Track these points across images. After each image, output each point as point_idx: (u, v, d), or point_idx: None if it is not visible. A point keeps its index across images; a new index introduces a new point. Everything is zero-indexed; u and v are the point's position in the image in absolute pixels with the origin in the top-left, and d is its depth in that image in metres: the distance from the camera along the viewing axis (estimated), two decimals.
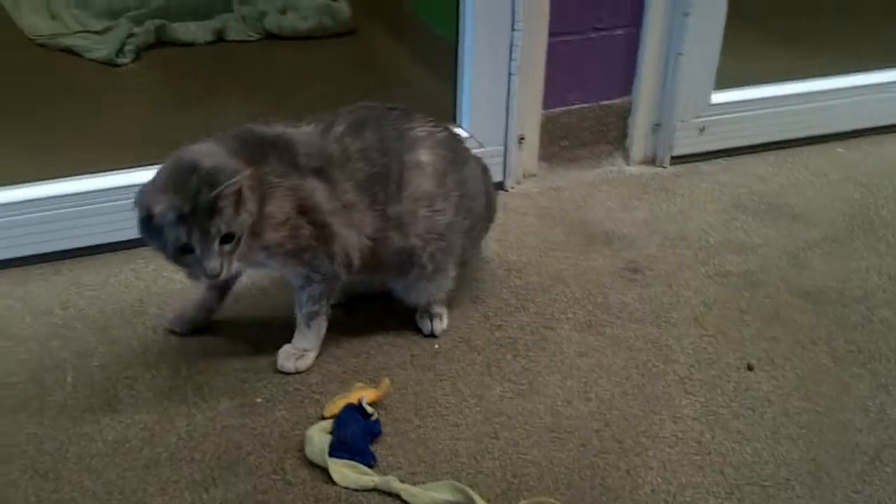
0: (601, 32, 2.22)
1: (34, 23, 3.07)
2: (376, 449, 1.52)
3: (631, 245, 2.07)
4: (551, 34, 2.16)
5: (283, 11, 3.16)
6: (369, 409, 1.55)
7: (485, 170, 1.85)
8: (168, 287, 1.90)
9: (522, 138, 2.23)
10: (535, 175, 2.31)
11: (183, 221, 1.44)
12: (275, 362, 1.70)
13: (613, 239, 2.09)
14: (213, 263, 1.47)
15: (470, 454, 1.53)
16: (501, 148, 2.22)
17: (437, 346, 1.76)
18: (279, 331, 1.76)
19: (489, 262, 2.00)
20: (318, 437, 1.52)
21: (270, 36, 3.13)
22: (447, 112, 2.25)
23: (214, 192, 1.43)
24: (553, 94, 2.23)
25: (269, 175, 1.56)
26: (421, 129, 1.70)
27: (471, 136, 2.19)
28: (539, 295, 1.90)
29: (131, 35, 2.99)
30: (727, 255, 2.04)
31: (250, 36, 3.12)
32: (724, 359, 1.74)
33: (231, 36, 3.11)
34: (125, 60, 2.91)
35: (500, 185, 2.25)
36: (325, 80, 2.84)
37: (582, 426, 1.59)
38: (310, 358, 1.71)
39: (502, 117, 2.20)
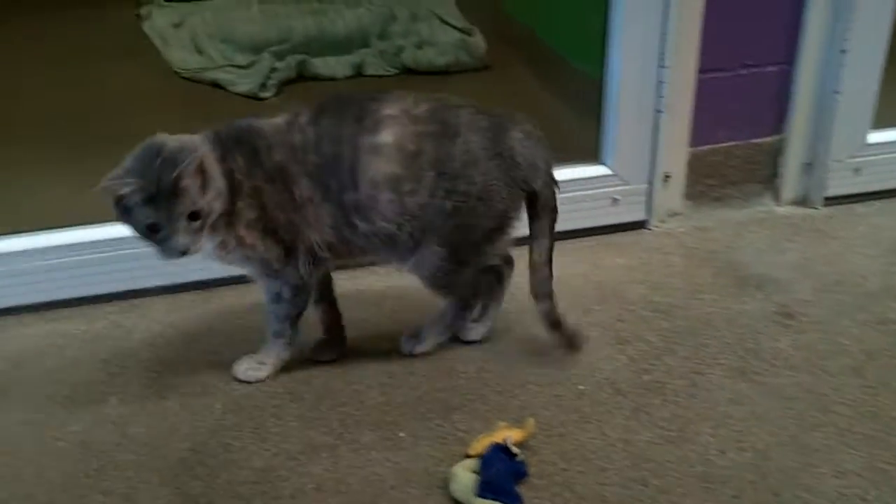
0: (752, 69, 2.17)
1: (182, 57, 3.15)
2: (522, 490, 1.49)
3: (784, 289, 1.99)
4: (700, 71, 2.12)
5: (419, 46, 3.18)
6: (515, 450, 1.52)
7: (502, 143, 1.67)
8: None
9: (668, 176, 2.18)
10: (680, 214, 2.25)
11: (149, 202, 1.49)
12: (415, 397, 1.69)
13: (765, 282, 2.02)
14: (180, 240, 1.51)
15: (618, 501, 1.49)
16: (646, 186, 2.18)
17: (581, 388, 1.72)
18: (420, 363, 1.76)
19: (633, 302, 1.95)
20: (464, 476, 1.49)
21: (408, 71, 3.14)
22: (589, 148, 2.22)
23: (175, 173, 1.46)
24: (700, 131, 2.18)
25: (236, 172, 1.59)
26: (393, 108, 1.61)
27: (614, 174, 2.15)
28: (687, 338, 1.85)
29: (274, 69, 3.04)
30: (888, 302, 1.95)
31: (388, 71, 3.15)
32: (888, 412, 1.66)
33: (369, 71, 3.14)
34: (268, 94, 2.96)
35: (644, 224, 2.21)
36: None
37: (735, 476, 1.53)
38: (263, 372, 1.75)
39: (647, 155, 2.15)
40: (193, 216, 1.51)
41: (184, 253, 1.53)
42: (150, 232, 1.52)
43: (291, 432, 1.62)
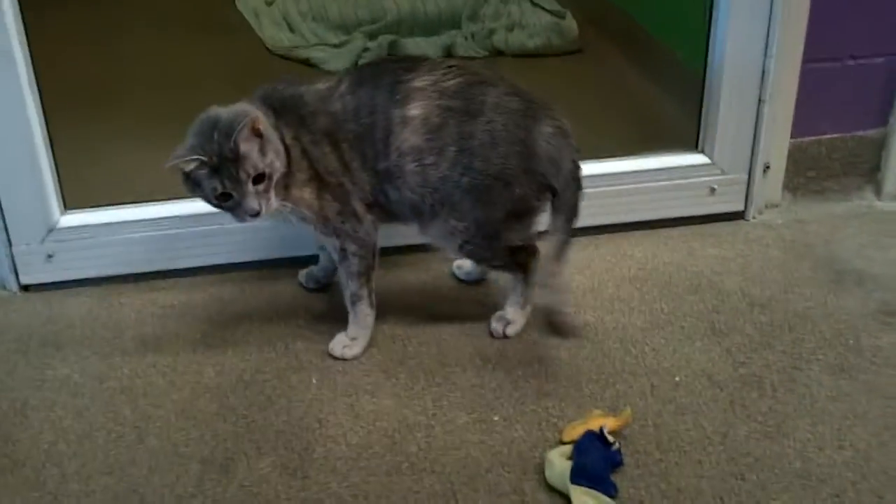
0: (859, 60, 2.12)
1: (274, 34, 3.17)
2: (616, 479, 1.48)
3: (885, 286, 1.95)
4: (805, 61, 2.07)
5: (510, 29, 3.16)
6: (610, 438, 1.51)
7: (529, 130, 1.69)
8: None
9: (768, 167, 2.14)
10: (778, 206, 2.21)
11: (215, 173, 1.55)
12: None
13: (865, 278, 1.97)
14: (251, 204, 1.56)
15: (715, 493, 1.47)
16: (745, 176, 2.15)
17: (677, 379, 1.71)
18: (514, 349, 1.76)
19: (729, 294, 1.93)
20: (559, 462, 1.49)
21: (498, 53, 3.13)
22: (686, 136, 2.19)
23: (232, 139, 1.52)
24: (803, 122, 2.14)
25: (286, 135, 1.63)
26: (424, 80, 1.65)
27: (714, 163, 2.12)
28: (785, 333, 1.82)
29: (366, 49, 3.05)
30: None
31: (478, 53, 3.13)
32: None
33: (459, 52, 3.12)
34: None
35: (741, 215, 2.18)
36: (553, 98, 2.80)
37: (835, 475, 1.50)
38: (358, 346, 1.77)
39: (748, 144, 2.12)
40: (258, 179, 1.56)
41: (256, 215, 1.57)
42: (221, 200, 1.58)
43: (386, 410, 1.63)
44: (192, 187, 1.59)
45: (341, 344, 1.77)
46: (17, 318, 1.92)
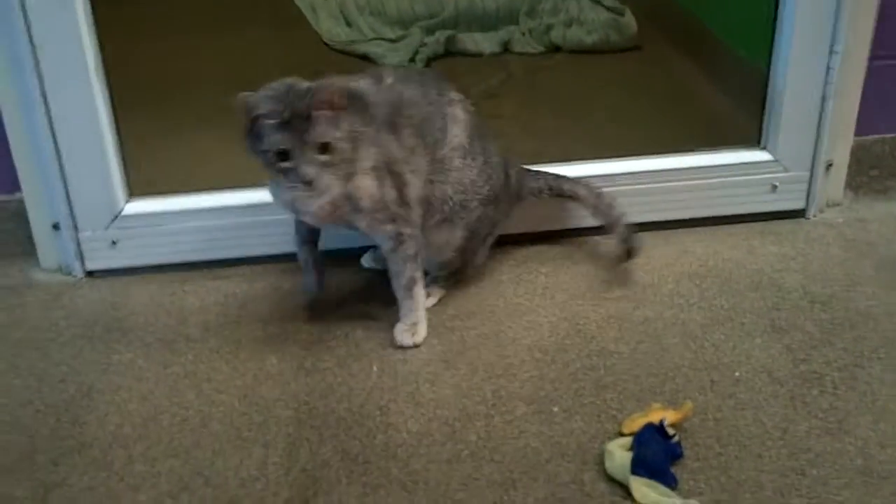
0: None
1: (331, 28, 3.20)
2: (676, 471, 1.48)
3: None
4: (872, 57, 2.06)
5: (568, 25, 3.16)
6: (670, 431, 1.52)
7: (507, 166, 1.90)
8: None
9: (830, 165, 2.13)
10: (839, 204, 2.20)
11: (282, 127, 1.53)
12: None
13: None
14: (308, 169, 1.54)
15: (775, 488, 1.47)
16: (807, 174, 2.13)
17: (737, 375, 1.70)
18: (573, 341, 1.76)
19: (790, 291, 1.92)
20: (620, 454, 1.49)
21: (555, 49, 3.13)
22: (747, 133, 2.18)
23: (307, 98, 1.53)
24: (867, 120, 2.12)
25: (357, 123, 1.63)
26: (454, 94, 1.80)
27: (776, 160, 2.11)
28: (846, 331, 1.80)
29: (423, 44, 3.07)
30: None
31: (535, 48, 3.14)
32: None
33: (517, 48, 3.13)
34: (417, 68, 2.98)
35: (802, 213, 2.16)
36: (611, 94, 2.82)
37: None
38: (423, 329, 1.79)
39: (811, 142, 2.10)
40: (323, 148, 1.55)
41: (309, 184, 1.55)
42: (278, 159, 1.55)
43: (446, 399, 1.65)
44: (253, 141, 1.57)
45: (408, 332, 1.78)
46: (83, 303, 1.96)
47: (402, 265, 1.75)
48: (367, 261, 1.99)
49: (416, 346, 1.77)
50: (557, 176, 2.00)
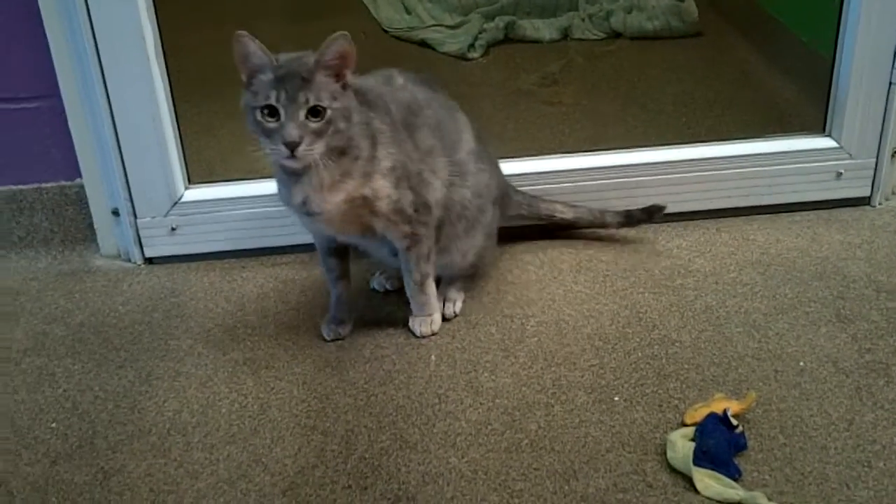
0: None
1: (390, 15, 3.19)
2: (740, 462, 1.46)
3: None
4: None
5: (628, 11, 3.12)
6: (734, 421, 1.49)
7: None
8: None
9: None
10: None
11: (277, 84, 1.47)
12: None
13: None
14: (292, 130, 1.47)
15: (841, 480, 1.43)
16: (873, 161, 2.08)
17: (801, 365, 1.67)
18: (633, 330, 1.74)
19: (855, 280, 1.87)
20: (682, 444, 1.47)
21: (616, 35, 3.09)
22: (811, 120, 2.14)
23: (314, 61, 1.49)
24: None
25: (375, 120, 1.60)
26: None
27: (841, 147, 2.07)
28: None
29: (482, 30, 3.05)
30: None
31: (595, 35, 3.10)
32: None
33: (576, 34, 3.10)
34: (476, 55, 2.97)
35: (867, 200, 2.12)
36: (674, 81, 2.78)
37: None
38: (438, 319, 1.78)
39: (877, 129, 2.05)
40: (314, 112, 1.49)
41: (291, 147, 1.47)
42: (265, 115, 1.49)
43: (505, 388, 1.63)
44: (248, 98, 1.51)
45: (426, 323, 1.77)
46: (142, 289, 1.97)
47: (415, 263, 1.72)
48: (376, 283, 1.93)
49: (433, 333, 1.76)
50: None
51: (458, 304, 1.84)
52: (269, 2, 3.37)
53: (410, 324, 1.78)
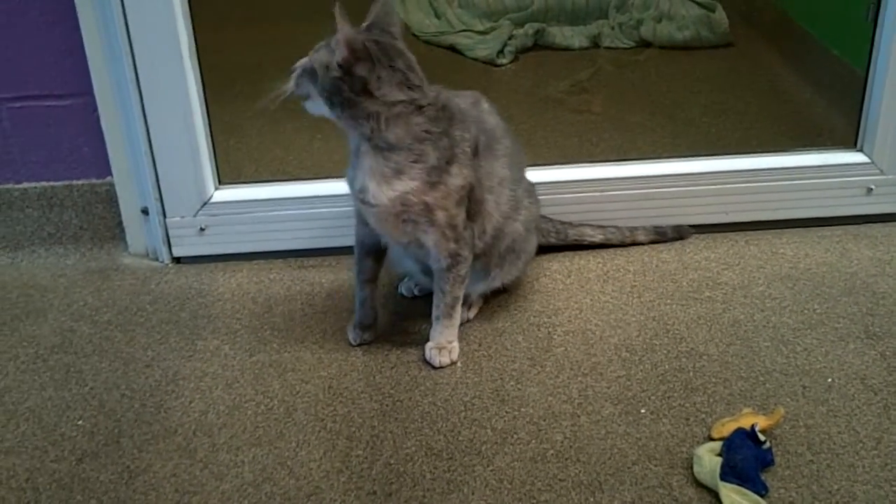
0: None
1: (420, 20, 3.20)
2: (766, 479, 1.45)
3: None
4: None
5: (658, 20, 3.12)
6: (761, 437, 1.48)
7: None
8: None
9: None
10: None
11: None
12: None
13: None
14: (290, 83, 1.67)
15: (868, 499, 1.42)
16: None
17: (830, 381, 1.66)
18: (661, 342, 1.73)
19: (885, 296, 1.86)
20: (709, 459, 1.46)
21: (646, 45, 3.08)
22: (842, 134, 2.13)
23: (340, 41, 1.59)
24: None
25: (457, 138, 1.60)
26: None
27: (872, 162, 2.05)
28: None
29: (512, 37, 3.05)
30: None
31: (625, 44, 3.10)
32: None
33: (606, 43, 3.10)
34: (505, 61, 2.97)
35: None
36: (702, 91, 2.77)
37: None
38: (457, 348, 1.74)
39: None
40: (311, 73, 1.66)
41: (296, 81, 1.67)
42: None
43: (531, 397, 1.63)
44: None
45: (445, 350, 1.73)
46: (169, 289, 1.98)
47: (451, 284, 1.69)
48: (404, 288, 1.93)
49: (452, 363, 1.72)
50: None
51: (474, 311, 1.84)
52: (305, 2, 3.37)
53: (427, 354, 1.73)
